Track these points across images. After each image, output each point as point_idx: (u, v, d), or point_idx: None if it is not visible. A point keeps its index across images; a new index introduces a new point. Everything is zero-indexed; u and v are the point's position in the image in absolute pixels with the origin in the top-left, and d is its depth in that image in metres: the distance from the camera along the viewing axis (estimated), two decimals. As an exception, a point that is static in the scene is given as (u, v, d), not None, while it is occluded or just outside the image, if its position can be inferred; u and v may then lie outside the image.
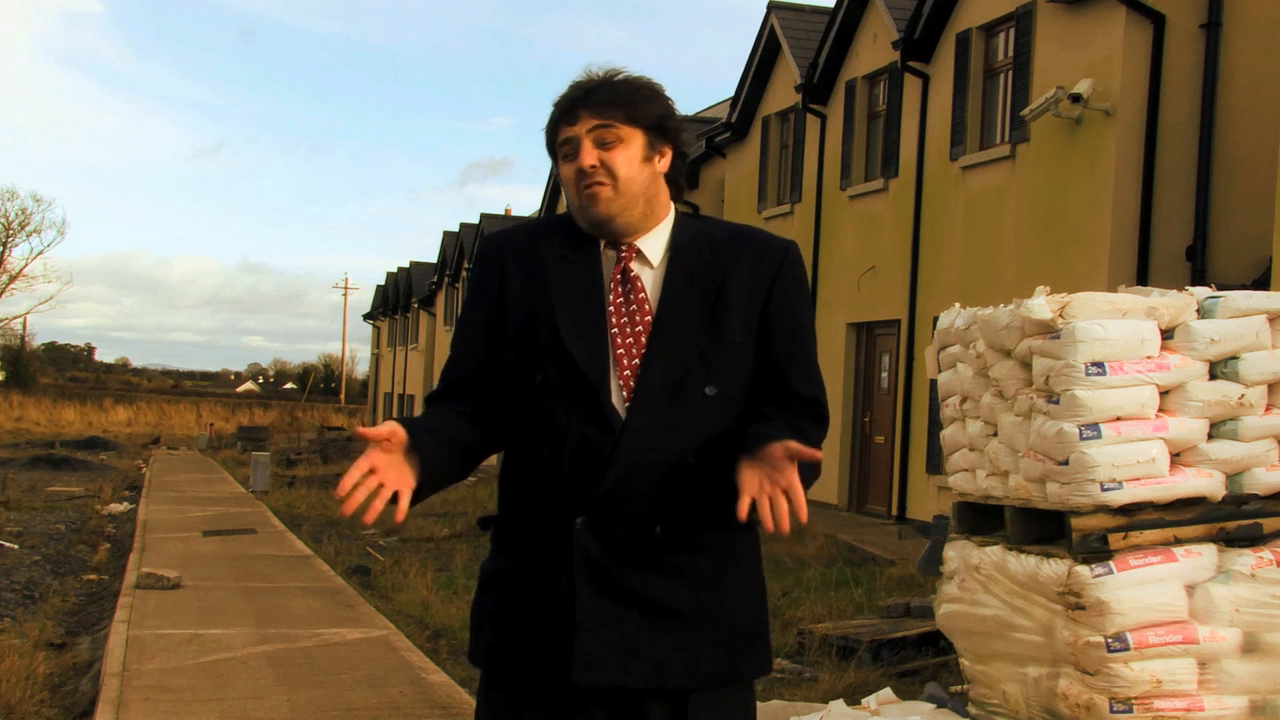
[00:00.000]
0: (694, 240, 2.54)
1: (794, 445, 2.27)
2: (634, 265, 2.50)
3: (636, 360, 2.44)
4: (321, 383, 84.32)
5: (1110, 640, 4.81)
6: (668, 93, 2.55)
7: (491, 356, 2.52)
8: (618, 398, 2.43)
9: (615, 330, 2.46)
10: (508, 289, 2.52)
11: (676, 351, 2.45)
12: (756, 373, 2.50)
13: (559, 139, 2.50)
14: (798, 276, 2.55)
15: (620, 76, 2.51)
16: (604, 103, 2.47)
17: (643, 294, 2.48)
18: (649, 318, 2.47)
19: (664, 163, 2.52)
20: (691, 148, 17.33)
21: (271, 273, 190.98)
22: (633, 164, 2.47)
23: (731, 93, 21.53)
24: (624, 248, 2.50)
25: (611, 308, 2.47)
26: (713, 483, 2.46)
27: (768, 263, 2.52)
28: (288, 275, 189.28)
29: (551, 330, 2.45)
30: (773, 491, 2.27)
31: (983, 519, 5.66)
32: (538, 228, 2.60)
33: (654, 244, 2.52)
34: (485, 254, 2.59)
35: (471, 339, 2.56)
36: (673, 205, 2.59)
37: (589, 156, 2.45)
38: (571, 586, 2.40)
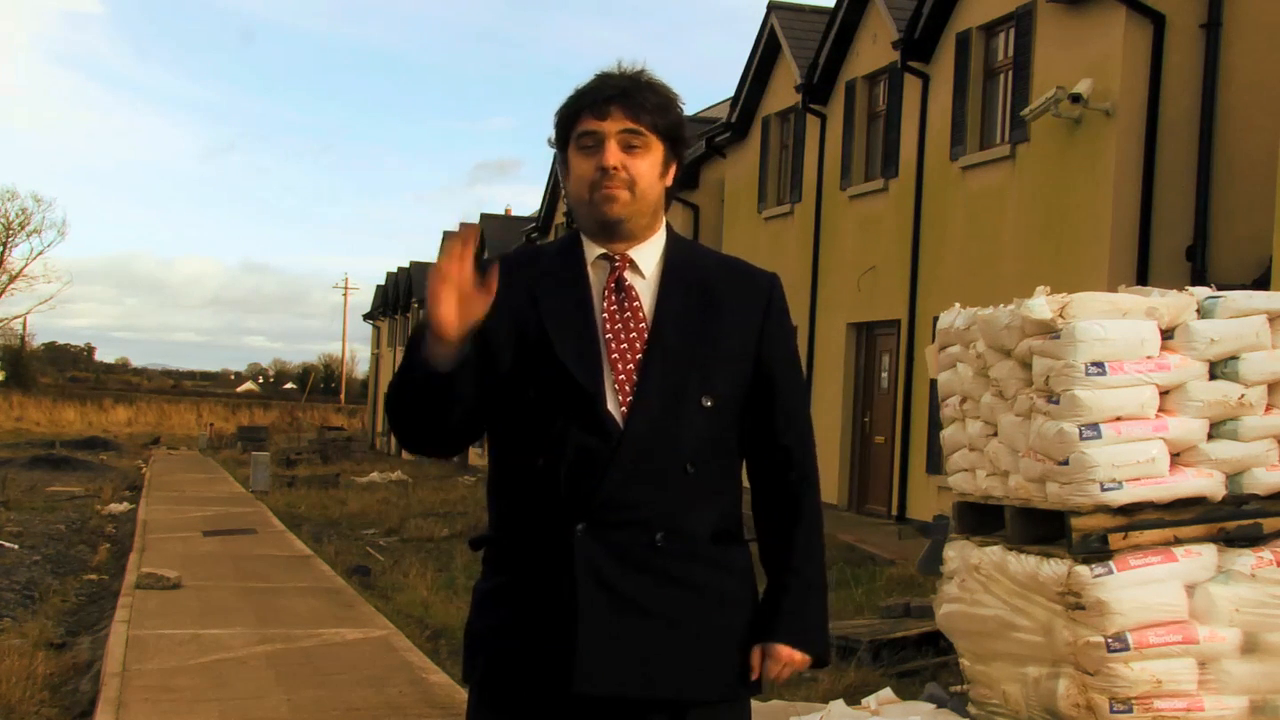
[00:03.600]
0: (686, 257, 2.55)
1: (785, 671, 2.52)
2: (627, 275, 2.49)
3: (631, 365, 2.43)
4: (321, 383, 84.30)
5: (1110, 640, 4.81)
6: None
7: (486, 355, 2.46)
8: (613, 402, 2.41)
9: (609, 335, 2.45)
10: (493, 308, 2.45)
11: (674, 358, 2.44)
12: (750, 405, 2.51)
13: (579, 129, 2.46)
14: (784, 309, 2.58)
15: (647, 78, 2.49)
16: (639, 106, 2.45)
17: (637, 302, 2.47)
18: (643, 324, 2.46)
19: (670, 177, 2.52)
20: (691, 147, 17.34)
21: (274, 273, 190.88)
22: (652, 174, 2.47)
23: (731, 93, 21.53)
24: (617, 258, 2.49)
25: (605, 314, 2.46)
26: (710, 492, 2.46)
27: (758, 293, 2.55)
28: (290, 275, 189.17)
29: (543, 341, 2.43)
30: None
31: (983, 519, 5.65)
32: (522, 256, 2.60)
33: (648, 255, 2.51)
34: (489, 267, 2.57)
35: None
36: (665, 219, 2.59)
37: (614, 156, 2.43)
38: (572, 594, 2.37)
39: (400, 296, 46.89)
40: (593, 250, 2.50)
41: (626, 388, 2.42)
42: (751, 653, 2.49)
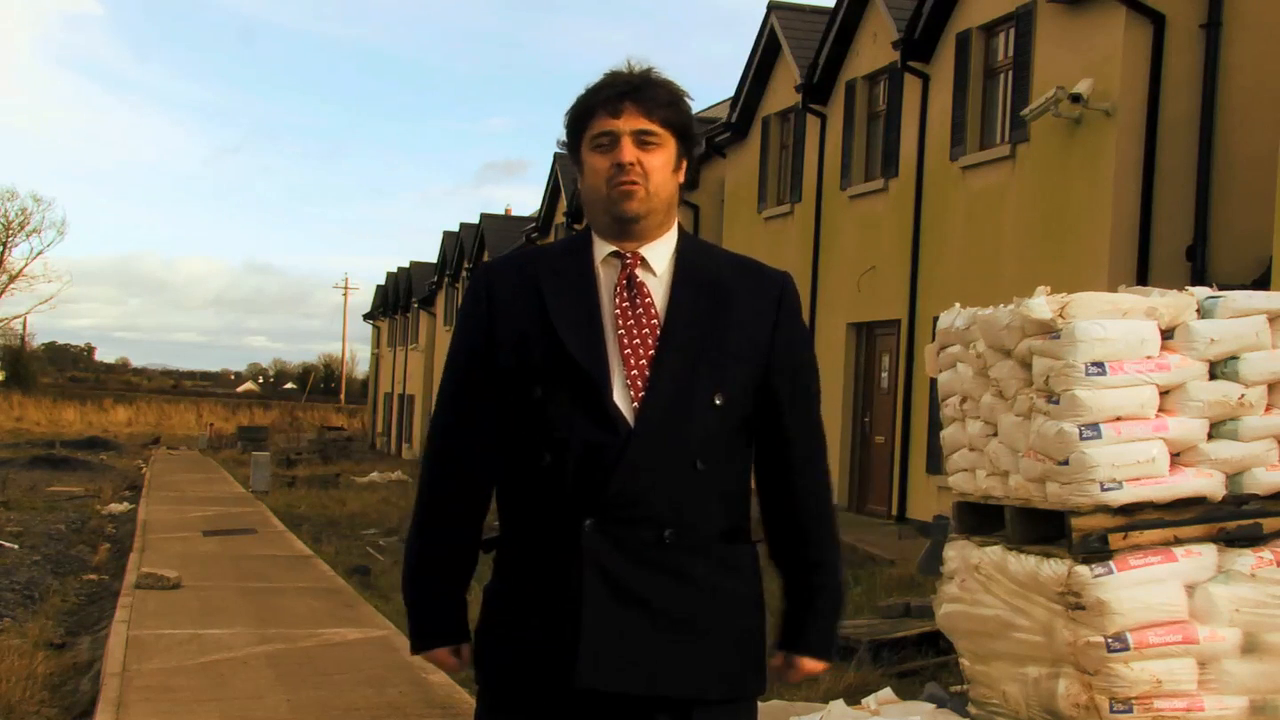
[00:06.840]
0: (698, 256, 2.54)
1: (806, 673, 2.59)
2: (639, 272, 2.48)
3: (644, 361, 2.41)
4: (321, 383, 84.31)
5: (1110, 640, 4.81)
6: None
7: (484, 409, 2.49)
8: (623, 397, 2.40)
9: (621, 332, 2.43)
10: (496, 312, 2.48)
11: (686, 355, 2.42)
12: (761, 410, 2.51)
13: (595, 130, 2.45)
14: (797, 308, 2.58)
15: (656, 75, 2.49)
16: (652, 103, 2.45)
17: (649, 298, 2.46)
18: (655, 321, 2.44)
19: (682, 173, 2.52)
20: (700, 144, 17.40)
21: (276, 273, 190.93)
22: (666, 170, 2.47)
23: (731, 93, 21.53)
24: (629, 256, 2.48)
25: (617, 310, 2.45)
26: (720, 490, 2.45)
27: (770, 292, 2.54)
28: (292, 276, 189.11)
29: (548, 336, 2.42)
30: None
31: (983, 519, 5.65)
32: (527, 255, 2.59)
33: (659, 253, 2.50)
34: (474, 284, 2.56)
35: (464, 397, 2.51)
36: (677, 219, 2.59)
37: (629, 153, 2.43)
38: (578, 590, 2.36)
39: (400, 296, 46.87)
40: (603, 249, 2.49)
41: (639, 383, 2.40)
42: (774, 654, 2.54)
